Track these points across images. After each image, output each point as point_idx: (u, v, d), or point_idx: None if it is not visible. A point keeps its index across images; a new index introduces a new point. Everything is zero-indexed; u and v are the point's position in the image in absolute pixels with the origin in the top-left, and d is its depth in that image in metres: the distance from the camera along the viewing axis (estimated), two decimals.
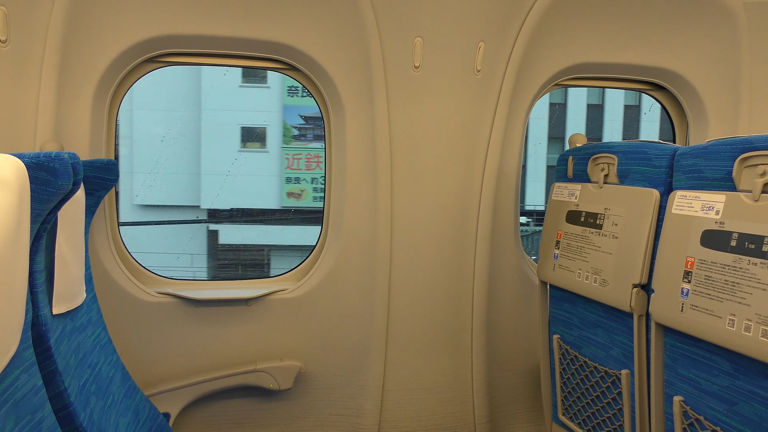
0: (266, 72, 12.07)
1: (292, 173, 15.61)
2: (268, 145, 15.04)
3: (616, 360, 2.11)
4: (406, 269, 2.79)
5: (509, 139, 2.80)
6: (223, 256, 14.21)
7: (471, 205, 2.80)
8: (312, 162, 15.92)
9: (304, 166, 15.67)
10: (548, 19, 2.61)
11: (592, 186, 2.24)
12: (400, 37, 2.55)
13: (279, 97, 14.71)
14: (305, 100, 15.28)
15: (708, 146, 1.71)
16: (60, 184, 1.40)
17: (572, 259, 2.27)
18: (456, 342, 2.92)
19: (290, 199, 15.67)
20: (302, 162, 15.64)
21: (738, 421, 1.58)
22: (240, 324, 2.74)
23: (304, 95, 15.40)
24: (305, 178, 15.72)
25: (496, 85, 2.69)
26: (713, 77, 2.85)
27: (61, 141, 2.36)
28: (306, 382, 2.85)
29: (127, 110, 13.59)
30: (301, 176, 15.67)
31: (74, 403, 1.66)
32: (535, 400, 3.07)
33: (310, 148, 15.87)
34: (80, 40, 2.34)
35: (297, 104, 15.39)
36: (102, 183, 2.15)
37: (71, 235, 1.82)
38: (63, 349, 1.68)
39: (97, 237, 2.51)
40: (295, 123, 15.49)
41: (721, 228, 1.61)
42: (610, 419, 2.19)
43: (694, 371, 1.72)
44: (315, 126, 15.74)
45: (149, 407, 2.27)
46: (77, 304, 1.86)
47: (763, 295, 1.46)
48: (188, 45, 2.53)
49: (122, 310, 2.59)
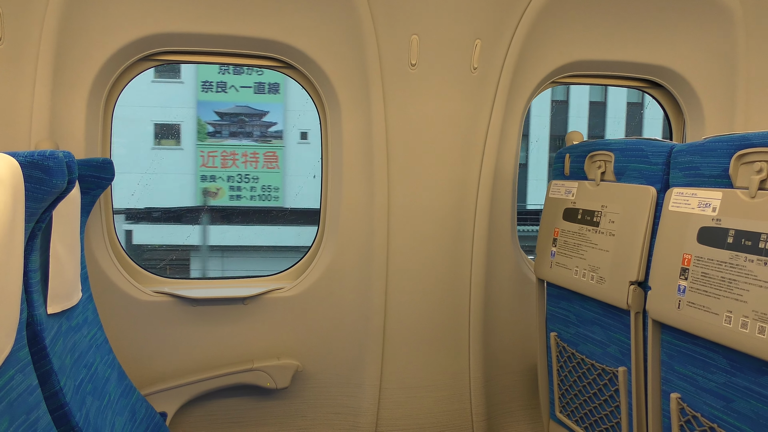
0: (179, 66, 12.02)
1: (208, 171, 15.39)
2: (183, 142, 14.79)
3: (613, 357, 2.11)
4: (403, 267, 2.79)
5: (506, 136, 2.80)
6: (137, 257, 14.11)
7: (468, 203, 2.80)
8: (228, 159, 15.70)
9: (219, 164, 15.46)
10: (544, 16, 2.61)
11: (589, 183, 2.23)
12: (396, 34, 2.55)
13: (193, 92, 14.49)
14: (220, 95, 15.06)
15: (704, 143, 1.71)
16: (54, 182, 1.39)
17: (569, 256, 2.27)
18: (453, 340, 2.92)
19: (206, 198, 15.54)
20: (218, 159, 15.43)
21: (735, 418, 1.58)
22: (237, 323, 2.73)
23: (218, 91, 15.15)
24: (221, 176, 15.53)
25: (492, 82, 2.69)
26: (710, 74, 2.85)
27: (56, 140, 2.35)
28: (303, 381, 2.85)
29: None
30: (217, 174, 15.47)
31: (70, 403, 1.65)
32: (532, 398, 3.07)
33: (225, 145, 15.66)
34: (75, 39, 2.33)
35: (211, 100, 15.17)
36: (97, 182, 2.14)
37: (66, 234, 1.81)
38: (58, 349, 1.68)
39: (93, 236, 2.50)
40: (210, 119, 15.30)
41: (718, 225, 1.61)
42: (608, 416, 2.19)
43: (691, 368, 1.72)
44: (230, 122, 15.57)
45: (146, 407, 2.27)
46: (73, 304, 1.85)
47: (760, 291, 1.46)
48: (183, 43, 2.52)
49: (118, 309, 2.58)
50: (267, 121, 16.48)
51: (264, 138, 16.67)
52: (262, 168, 16.26)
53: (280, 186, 16.44)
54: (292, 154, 16.80)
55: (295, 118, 16.64)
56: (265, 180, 16.27)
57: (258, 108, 16.21)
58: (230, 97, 15.76)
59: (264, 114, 16.37)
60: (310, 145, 16.74)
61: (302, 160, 16.59)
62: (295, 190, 16.58)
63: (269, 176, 16.33)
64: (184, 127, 14.71)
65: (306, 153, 16.77)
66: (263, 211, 16.33)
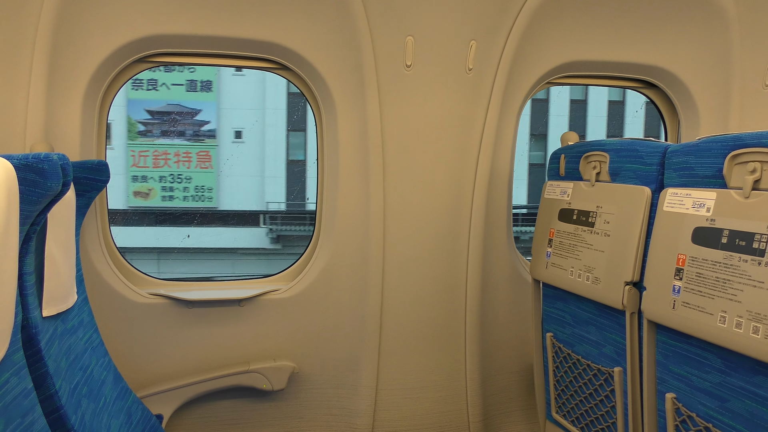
0: None
1: (139, 171, 15.25)
2: (113, 141, 14.67)
3: (608, 357, 2.12)
4: (399, 268, 2.79)
5: (501, 137, 2.80)
6: None
7: (463, 204, 2.80)
8: (160, 159, 15.51)
9: (151, 164, 15.32)
10: (539, 17, 2.61)
11: (584, 184, 2.24)
12: (391, 36, 2.55)
13: (123, 90, 14.51)
14: (150, 93, 14.97)
15: (699, 144, 1.72)
16: (49, 185, 1.39)
17: (565, 257, 2.27)
18: (449, 341, 2.92)
19: (137, 199, 15.34)
20: (149, 159, 15.30)
21: (729, 418, 1.59)
22: (233, 324, 2.73)
23: (149, 88, 15.03)
24: (153, 176, 15.40)
25: (487, 83, 2.70)
26: (704, 75, 2.86)
27: (51, 142, 2.34)
28: (299, 383, 2.84)
29: None
30: (148, 174, 15.34)
31: (65, 406, 1.65)
32: (528, 399, 3.07)
33: (157, 145, 15.51)
34: (70, 41, 2.33)
35: (142, 98, 15.10)
36: (92, 184, 2.14)
37: (61, 236, 1.81)
38: (54, 352, 1.67)
39: (88, 238, 2.50)
40: (141, 118, 15.19)
41: (712, 225, 1.61)
42: (603, 417, 2.20)
43: (686, 368, 1.72)
44: (161, 121, 15.40)
45: (142, 409, 2.26)
46: (68, 306, 1.85)
47: (754, 291, 1.47)
48: (179, 45, 2.52)
49: (114, 311, 2.57)
50: (200, 120, 16.31)
51: (197, 137, 16.43)
52: (195, 168, 16.10)
53: (214, 186, 16.30)
54: (226, 154, 16.44)
55: (229, 116, 16.35)
56: (199, 180, 16.12)
57: (190, 106, 15.92)
58: (162, 95, 15.56)
59: (197, 112, 16.17)
60: (245, 144, 16.53)
61: (237, 160, 16.44)
62: (229, 190, 16.25)
63: (203, 176, 16.16)
64: (114, 127, 14.56)
65: (241, 152, 16.48)
66: (201, 212, 16.12)
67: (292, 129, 16.89)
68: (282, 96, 16.55)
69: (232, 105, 16.37)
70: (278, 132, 16.65)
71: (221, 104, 16.21)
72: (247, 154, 16.54)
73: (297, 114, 16.75)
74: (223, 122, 16.33)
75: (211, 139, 16.32)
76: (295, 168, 16.89)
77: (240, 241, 15.37)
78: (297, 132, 16.94)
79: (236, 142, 16.53)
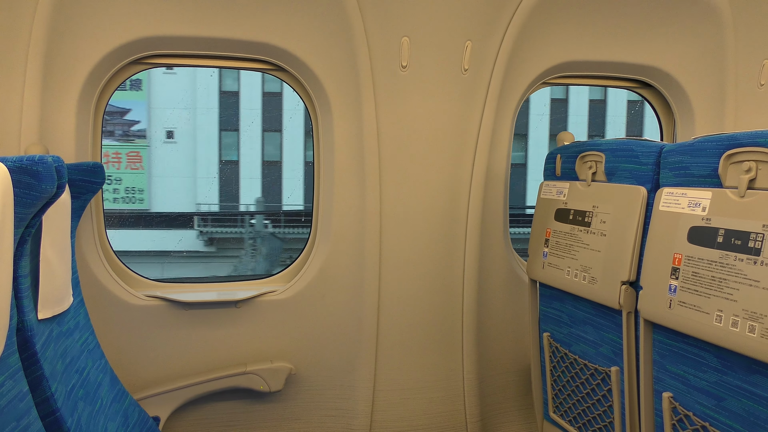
0: None
1: None
2: None
3: (605, 357, 2.12)
4: (396, 269, 2.79)
5: (497, 137, 2.80)
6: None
7: (460, 205, 2.80)
8: (113, 164, 15.49)
9: None
10: (535, 17, 2.61)
11: (580, 184, 2.24)
12: (387, 36, 2.55)
13: None
14: None
15: (694, 143, 1.72)
16: (44, 187, 1.39)
17: (561, 257, 2.27)
18: (446, 341, 2.92)
19: None
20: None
21: (726, 417, 1.59)
22: (229, 326, 2.73)
23: None
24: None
25: (483, 84, 2.70)
26: (700, 74, 2.87)
27: (46, 144, 2.34)
28: (296, 384, 2.84)
29: None
30: None
31: (61, 409, 1.64)
32: (526, 399, 3.07)
33: (107, 146, 15.30)
34: (64, 43, 2.32)
35: None
36: (88, 186, 2.13)
37: (57, 239, 1.80)
38: (49, 354, 1.67)
39: (84, 241, 2.49)
40: None
41: (708, 224, 1.61)
42: (601, 416, 2.20)
43: (683, 367, 1.73)
44: (108, 120, 15.41)
45: (138, 411, 2.26)
46: (64, 309, 1.84)
47: (750, 290, 1.47)
48: (174, 46, 2.52)
49: (110, 314, 2.57)
50: (129, 120, 16.16)
51: (126, 137, 16.23)
52: (126, 169, 15.94)
53: (144, 188, 16.13)
54: (158, 154, 16.24)
55: (159, 116, 16.13)
56: (129, 182, 15.96)
57: (119, 105, 15.71)
58: None
59: (126, 112, 16.03)
60: (177, 145, 16.34)
61: (169, 161, 16.22)
62: (160, 192, 16.09)
63: (133, 177, 15.97)
64: None
65: (173, 153, 16.26)
66: (131, 214, 15.98)
67: (224, 129, 16.74)
68: (214, 95, 16.38)
69: (163, 104, 16.17)
70: (210, 132, 16.52)
71: (152, 103, 16.02)
72: (180, 155, 16.38)
73: (229, 113, 16.66)
74: (153, 122, 16.13)
75: (142, 139, 16.16)
76: (228, 168, 16.80)
77: (172, 244, 15.16)
78: (229, 132, 16.79)
79: (168, 142, 16.39)
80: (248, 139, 16.71)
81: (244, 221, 16.06)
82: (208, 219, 16.16)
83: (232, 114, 16.65)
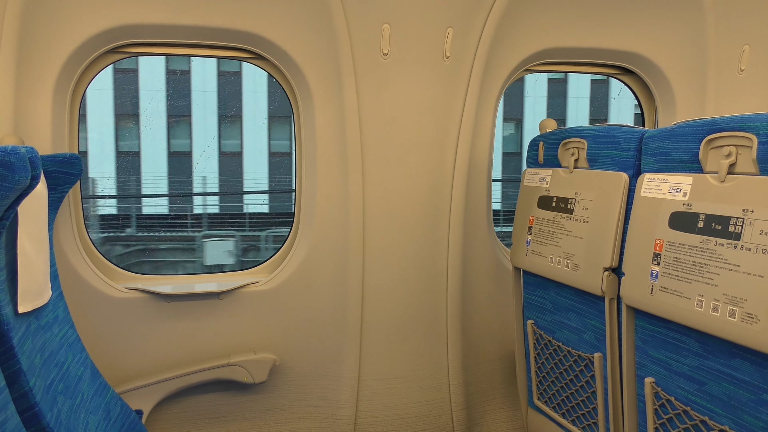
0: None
1: None
2: None
3: (588, 344, 2.13)
4: (379, 258, 2.78)
5: (480, 125, 2.79)
6: None
7: (443, 192, 2.80)
8: None
9: None
10: (516, 4, 2.60)
11: (562, 171, 2.24)
12: (367, 24, 2.53)
13: None
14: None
15: (675, 129, 1.72)
16: (17, 179, 1.36)
17: (544, 244, 2.27)
18: (431, 330, 2.92)
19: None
20: None
21: (707, 401, 1.60)
22: (212, 318, 2.71)
23: None
24: None
25: (465, 71, 2.68)
26: (681, 60, 2.87)
27: (21, 135, 2.30)
28: (281, 375, 2.83)
29: None
30: None
31: (40, 403, 1.62)
32: (510, 386, 3.09)
33: None
34: (39, 31, 2.28)
35: None
36: (65, 178, 2.10)
37: (34, 231, 1.77)
38: (27, 349, 1.64)
39: (63, 233, 2.46)
40: None
41: (689, 210, 1.62)
42: (584, 402, 2.21)
43: (665, 352, 1.74)
44: None
45: (121, 405, 2.24)
46: (43, 302, 1.82)
47: (730, 275, 1.47)
48: (151, 35, 2.48)
49: (91, 307, 2.54)
50: None
51: None
52: None
53: None
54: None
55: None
56: None
57: None
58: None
59: None
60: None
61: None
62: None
63: None
64: None
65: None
66: None
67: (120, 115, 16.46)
68: (108, 77, 16.04)
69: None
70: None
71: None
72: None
73: (126, 99, 16.41)
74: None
75: None
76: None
77: None
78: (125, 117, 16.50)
79: None
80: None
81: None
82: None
83: (132, 99, 16.39)
